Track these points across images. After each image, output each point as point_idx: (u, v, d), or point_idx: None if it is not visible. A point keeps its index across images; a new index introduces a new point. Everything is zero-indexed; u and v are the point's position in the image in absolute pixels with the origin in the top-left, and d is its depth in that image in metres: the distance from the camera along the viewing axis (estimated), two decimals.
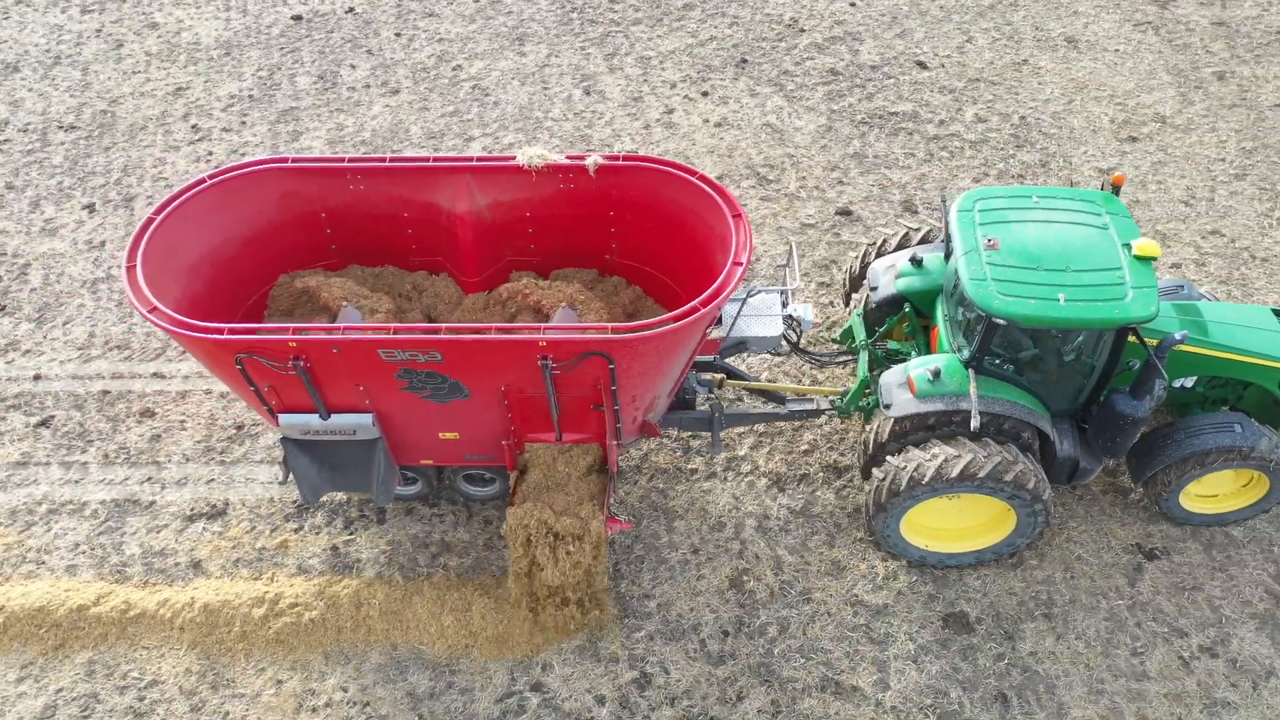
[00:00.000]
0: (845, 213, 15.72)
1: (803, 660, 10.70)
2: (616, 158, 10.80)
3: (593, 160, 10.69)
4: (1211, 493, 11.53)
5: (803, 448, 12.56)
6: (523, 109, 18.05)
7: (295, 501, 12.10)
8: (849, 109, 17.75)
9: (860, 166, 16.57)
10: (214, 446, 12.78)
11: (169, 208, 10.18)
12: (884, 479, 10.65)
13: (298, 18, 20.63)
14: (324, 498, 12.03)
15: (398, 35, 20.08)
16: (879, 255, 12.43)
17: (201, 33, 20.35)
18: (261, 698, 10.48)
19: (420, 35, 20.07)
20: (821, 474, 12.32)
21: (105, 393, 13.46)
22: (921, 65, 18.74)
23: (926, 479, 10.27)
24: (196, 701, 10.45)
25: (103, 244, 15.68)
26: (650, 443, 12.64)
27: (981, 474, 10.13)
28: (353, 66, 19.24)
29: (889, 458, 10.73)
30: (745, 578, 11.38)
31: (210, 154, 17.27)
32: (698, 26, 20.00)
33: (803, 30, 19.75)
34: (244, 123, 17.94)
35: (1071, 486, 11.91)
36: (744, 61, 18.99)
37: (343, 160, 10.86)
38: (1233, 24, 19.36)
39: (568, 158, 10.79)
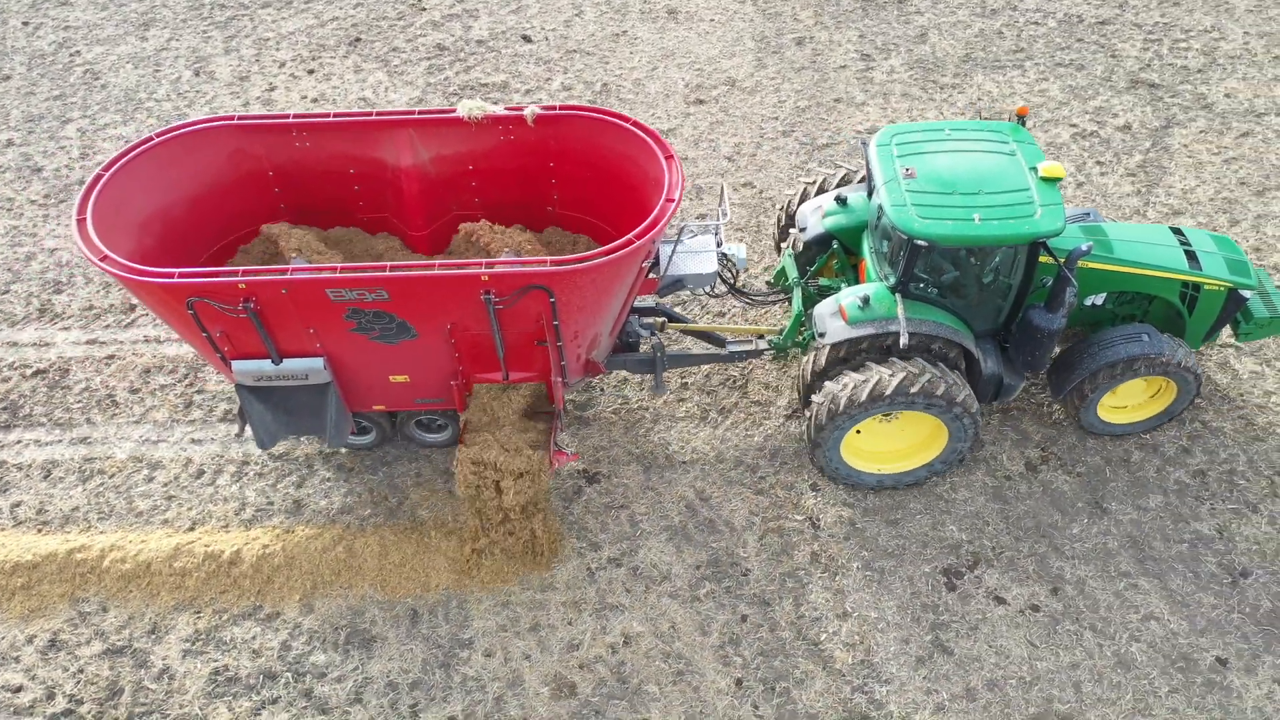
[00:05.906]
0: None
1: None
2: (553, 108, 11.25)
3: (530, 110, 11.14)
4: (1124, 404, 12.49)
5: None
6: (129, 91, 18.40)
7: None
8: (444, 82, 18.48)
9: None
10: None
11: (117, 164, 10.40)
12: (823, 402, 11.29)
13: None
14: None
15: (25, 24, 20.23)
16: (803, 200, 13.14)
17: None
18: None
19: (48, 23, 20.24)
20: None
21: None
22: (526, 39, 19.54)
23: (863, 398, 10.93)
24: None
25: None
26: None
27: (914, 389, 10.82)
28: None
29: (826, 382, 11.37)
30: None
31: None
32: (324, 8, 20.54)
33: (424, 9, 20.43)
34: None
35: (996, 403, 12.64)
36: (357, 40, 19.60)
37: (287, 117, 11.19)
38: None
39: (506, 109, 11.23)
